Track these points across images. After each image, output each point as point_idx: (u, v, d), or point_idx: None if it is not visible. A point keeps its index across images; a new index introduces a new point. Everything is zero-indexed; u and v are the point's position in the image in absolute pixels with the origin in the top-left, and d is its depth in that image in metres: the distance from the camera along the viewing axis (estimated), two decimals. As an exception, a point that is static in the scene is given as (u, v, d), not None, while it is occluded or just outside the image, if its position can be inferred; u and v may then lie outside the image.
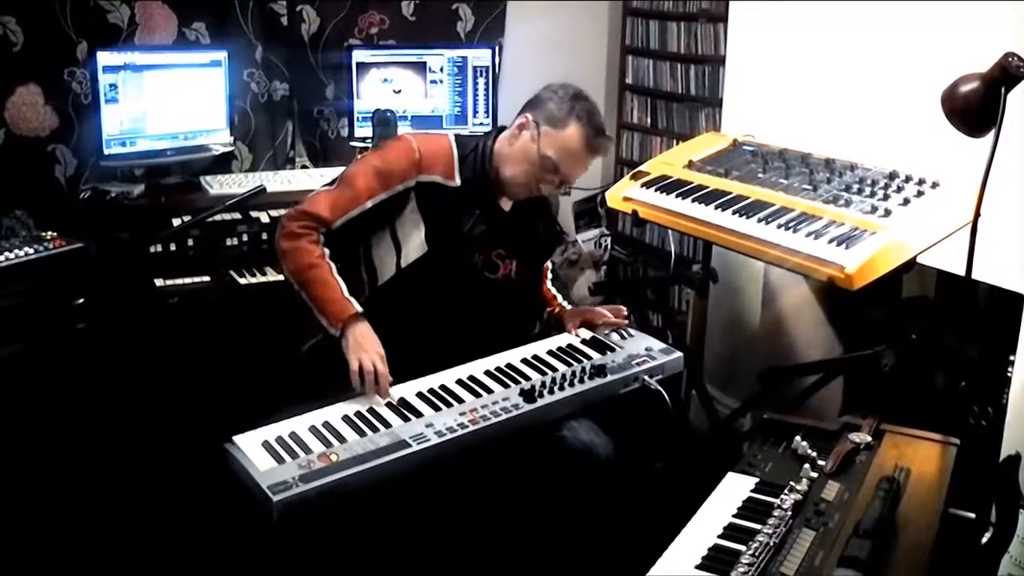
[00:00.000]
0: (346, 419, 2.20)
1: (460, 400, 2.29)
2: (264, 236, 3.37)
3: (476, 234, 2.52)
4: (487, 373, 2.42)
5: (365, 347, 2.33)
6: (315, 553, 2.13)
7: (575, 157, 2.51)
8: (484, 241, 2.54)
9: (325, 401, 2.27)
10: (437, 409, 2.25)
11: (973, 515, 2.00)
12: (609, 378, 2.41)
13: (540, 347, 2.58)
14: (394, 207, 2.47)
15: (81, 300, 2.97)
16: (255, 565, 2.32)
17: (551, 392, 2.32)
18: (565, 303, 2.81)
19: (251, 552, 2.24)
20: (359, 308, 2.37)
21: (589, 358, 2.53)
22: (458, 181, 2.50)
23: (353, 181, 2.48)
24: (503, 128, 2.64)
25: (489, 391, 2.34)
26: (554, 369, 2.46)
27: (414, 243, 2.47)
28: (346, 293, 2.39)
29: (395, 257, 2.49)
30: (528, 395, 2.29)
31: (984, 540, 2.06)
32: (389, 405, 2.26)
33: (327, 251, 2.44)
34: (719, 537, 1.74)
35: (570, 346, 2.60)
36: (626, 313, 2.72)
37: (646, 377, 2.46)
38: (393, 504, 2.15)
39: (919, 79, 2.71)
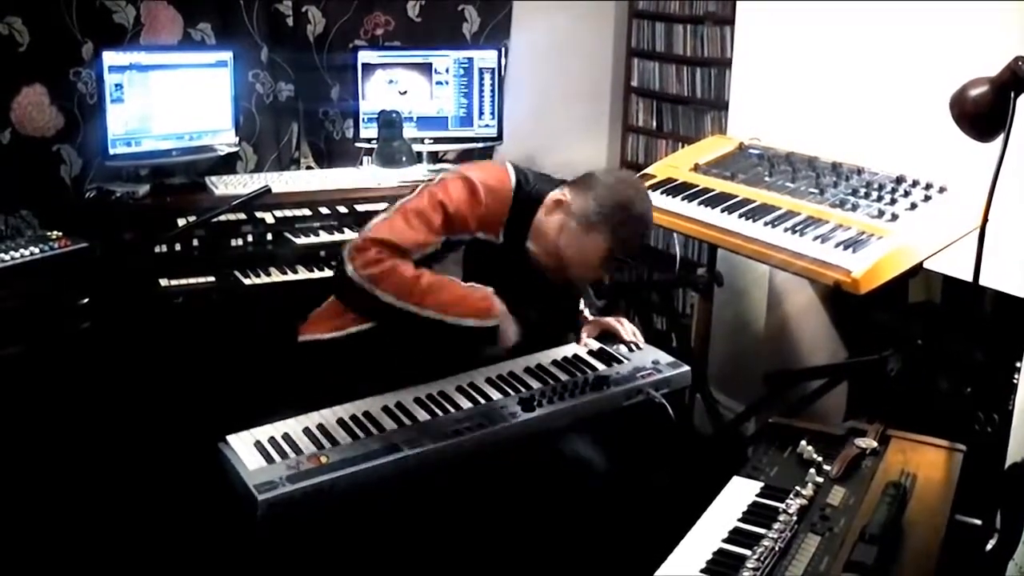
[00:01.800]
0: (341, 422, 2.20)
1: (458, 406, 2.28)
2: (269, 236, 3.37)
3: (512, 288, 2.41)
4: (488, 381, 2.41)
5: (510, 328, 2.33)
6: (299, 554, 2.12)
7: (586, 266, 2.39)
8: (518, 294, 2.43)
9: (317, 397, 2.27)
10: (434, 415, 2.24)
11: (979, 521, 2.00)
12: (612, 390, 2.39)
13: (545, 357, 2.56)
14: (443, 251, 2.37)
15: (85, 300, 2.97)
16: (240, 564, 2.32)
17: (551, 402, 2.30)
18: (585, 310, 2.79)
19: (237, 551, 2.24)
20: (490, 288, 2.31)
21: (594, 369, 2.51)
22: (501, 238, 2.39)
23: (423, 215, 2.32)
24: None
25: (488, 398, 2.32)
26: (556, 379, 2.44)
27: None
28: (466, 283, 2.32)
29: None
30: (527, 404, 2.28)
31: (989, 547, 2.05)
32: (385, 409, 2.25)
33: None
34: (724, 541, 1.73)
35: (576, 357, 2.58)
36: (639, 340, 2.67)
37: (651, 390, 2.44)
38: (382, 508, 2.14)
39: (927, 82, 2.71)
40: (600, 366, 2.53)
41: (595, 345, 2.64)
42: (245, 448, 2.06)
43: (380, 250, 2.28)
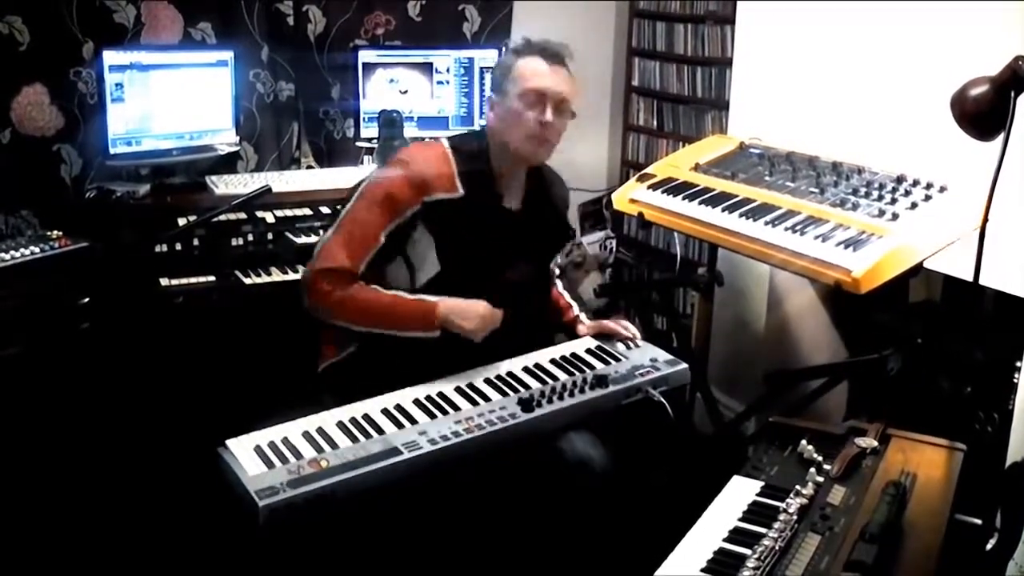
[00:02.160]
0: (340, 425, 2.19)
1: (457, 408, 2.28)
2: (269, 236, 3.37)
3: (487, 241, 2.48)
4: (486, 381, 2.40)
5: (468, 316, 2.38)
6: (301, 559, 2.12)
7: (540, 72, 2.45)
8: (495, 247, 2.50)
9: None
10: (433, 416, 2.24)
11: (979, 521, 1.99)
12: (610, 389, 2.39)
13: (543, 355, 2.56)
14: (404, 234, 2.43)
15: (86, 300, 2.97)
16: (242, 569, 2.32)
17: (550, 402, 2.30)
18: (581, 314, 2.80)
19: (238, 557, 2.24)
20: (435, 298, 2.39)
21: (592, 368, 2.51)
22: (461, 191, 2.44)
23: (361, 220, 2.43)
24: None
25: (487, 399, 2.32)
26: (555, 378, 2.44)
27: (428, 261, 2.45)
28: (411, 296, 2.41)
29: (408, 276, 2.47)
30: (526, 404, 2.27)
31: (989, 546, 2.05)
32: (384, 411, 2.25)
33: (362, 283, 2.42)
34: (724, 541, 1.73)
35: (574, 355, 2.58)
36: (636, 336, 2.69)
37: (649, 388, 2.44)
38: (383, 511, 2.14)
39: (928, 82, 2.71)
40: (598, 364, 2.53)
41: (593, 343, 2.64)
42: (245, 453, 2.06)
43: (328, 282, 2.40)
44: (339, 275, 2.39)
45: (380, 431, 2.16)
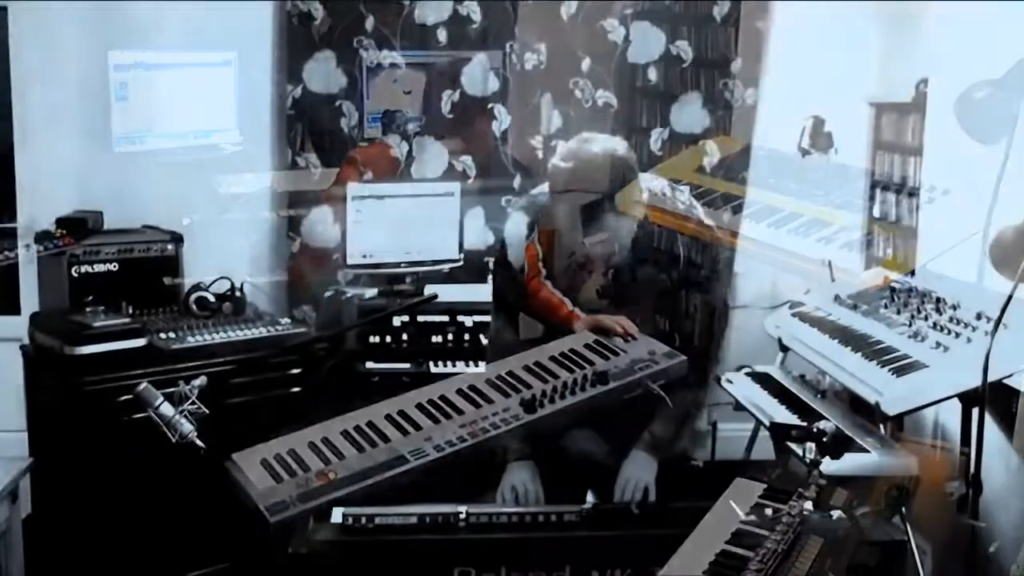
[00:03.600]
0: (345, 434, 2.16)
1: (460, 411, 2.25)
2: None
3: None
4: (488, 382, 2.38)
5: None
6: (312, 571, 2.12)
7: None
8: None
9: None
10: (437, 421, 2.21)
11: (982, 524, 2.00)
12: (611, 385, 2.37)
13: (542, 352, 2.54)
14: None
15: (90, 298, 2.98)
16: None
17: (552, 401, 2.28)
18: (576, 308, 2.79)
19: (250, 571, 2.23)
20: None
21: (591, 363, 2.50)
22: None
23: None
24: None
25: (489, 401, 2.30)
26: (555, 376, 2.42)
27: None
28: None
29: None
30: (528, 405, 2.26)
31: (992, 549, 2.05)
32: (388, 418, 2.23)
33: None
34: (727, 543, 1.73)
35: (573, 351, 2.56)
36: (634, 331, 2.69)
37: (649, 382, 2.43)
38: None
39: (930, 84, 2.71)
40: (598, 360, 2.50)
41: (591, 338, 2.63)
42: (252, 466, 2.03)
43: None
44: None
45: (385, 439, 2.13)
